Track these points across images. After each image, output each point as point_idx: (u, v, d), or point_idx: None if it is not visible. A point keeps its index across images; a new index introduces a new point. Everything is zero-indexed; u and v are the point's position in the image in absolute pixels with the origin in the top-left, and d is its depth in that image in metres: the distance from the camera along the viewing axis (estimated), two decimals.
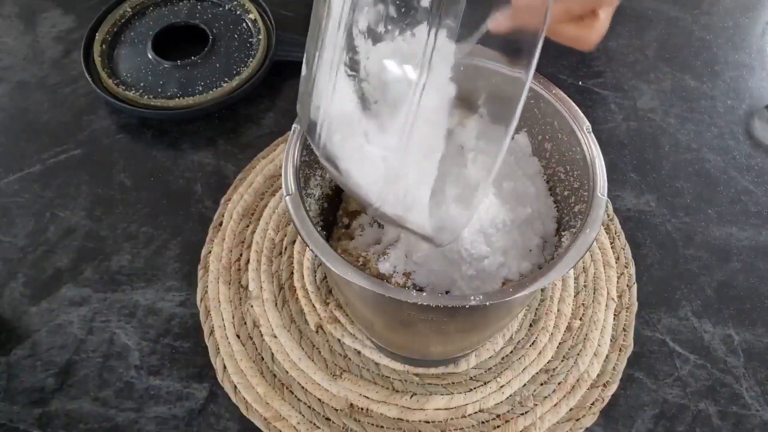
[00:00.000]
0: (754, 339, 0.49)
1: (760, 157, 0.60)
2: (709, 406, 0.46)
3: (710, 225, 0.55)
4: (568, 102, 0.39)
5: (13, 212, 0.54)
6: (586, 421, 0.45)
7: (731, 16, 0.72)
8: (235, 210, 0.54)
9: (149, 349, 0.47)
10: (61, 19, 0.68)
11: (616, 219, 0.55)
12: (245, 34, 0.66)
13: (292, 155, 0.37)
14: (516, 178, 0.41)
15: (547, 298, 0.50)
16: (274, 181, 0.56)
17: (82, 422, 0.44)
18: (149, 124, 0.60)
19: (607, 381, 0.47)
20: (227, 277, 0.51)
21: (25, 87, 0.62)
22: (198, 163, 0.57)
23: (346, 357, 0.47)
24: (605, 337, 0.49)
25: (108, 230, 0.53)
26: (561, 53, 0.67)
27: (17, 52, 0.65)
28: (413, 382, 0.46)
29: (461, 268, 0.37)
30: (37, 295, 0.50)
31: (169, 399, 0.45)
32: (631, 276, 0.52)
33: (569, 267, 0.33)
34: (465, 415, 0.45)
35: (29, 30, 0.67)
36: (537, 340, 0.48)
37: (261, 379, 0.46)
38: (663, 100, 0.64)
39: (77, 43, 0.64)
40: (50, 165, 0.57)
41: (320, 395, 0.46)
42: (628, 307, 0.50)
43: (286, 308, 0.49)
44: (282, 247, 0.52)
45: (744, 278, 0.52)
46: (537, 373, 0.47)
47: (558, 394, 0.46)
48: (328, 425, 0.44)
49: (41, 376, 0.46)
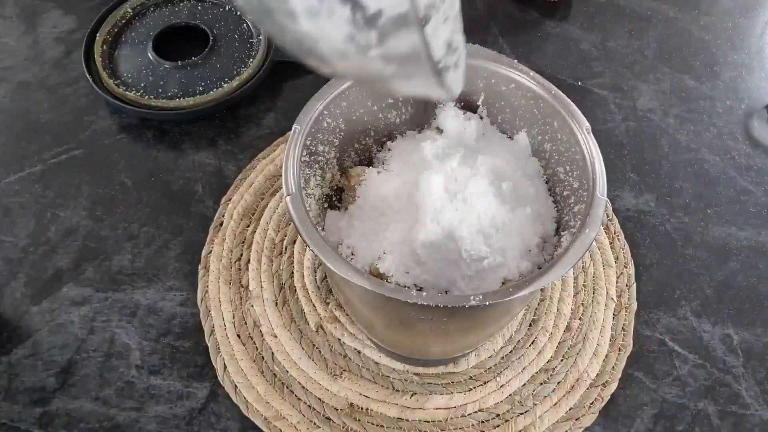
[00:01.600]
0: (753, 339, 0.50)
1: (759, 157, 0.60)
2: (708, 405, 0.47)
3: (709, 225, 0.55)
4: (568, 102, 0.40)
5: (15, 212, 0.54)
6: (586, 421, 0.45)
7: (730, 17, 0.72)
8: (235, 210, 0.54)
9: (150, 348, 0.48)
10: (62, 19, 0.68)
11: (616, 219, 0.55)
12: (246, 35, 0.66)
13: (292, 155, 0.37)
14: (516, 179, 0.41)
15: (547, 298, 0.50)
16: (274, 181, 0.56)
17: (83, 422, 0.44)
18: (150, 124, 0.60)
19: (606, 380, 0.47)
20: (228, 276, 0.51)
21: (26, 87, 0.62)
22: (198, 163, 0.58)
23: (346, 356, 0.47)
24: (605, 336, 0.49)
25: (109, 230, 0.53)
26: (561, 53, 0.68)
27: (18, 53, 0.65)
28: (413, 381, 0.46)
29: (461, 268, 0.37)
30: (38, 295, 0.50)
31: (170, 398, 0.46)
32: (631, 276, 0.52)
33: (569, 267, 0.33)
34: (465, 415, 0.45)
35: (30, 30, 0.67)
36: (537, 340, 0.49)
37: (261, 378, 0.46)
38: (662, 101, 0.64)
39: (78, 43, 0.64)
40: (51, 165, 0.57)
41: (320, 395, 0.46)
42: (628, 307, 0.50)
43: (286, 308, 0.50)
44: (282, 247, 0.52)
45: (743, 278, 0.53)
46: (537, 372, 0.47)
47: (557, 394, 0.46)
48: (328, 424, 0.45)
49: (42, 376, 0.46)
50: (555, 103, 0.40)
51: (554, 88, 0.40)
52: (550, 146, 0.42)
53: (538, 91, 0.40)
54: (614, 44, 0.69)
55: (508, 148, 0.43)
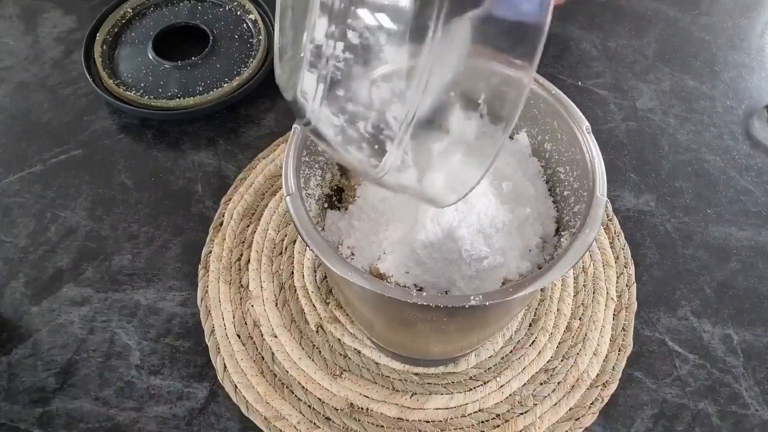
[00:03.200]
0: (754, 339, 0.50)
1: (760, 157, 0.60)
2: (709, 405, 0.47)
3: (709, 225, 0.55)
4: (568, 102, 0.40)
5: (15, 212, 0.54)
6: (586, 421, 0.45)
7: (730, 17, 0.72)
8: (235, 210, 0.54)
9: (150, 348, 0.48)
10: (62, 19, 0.68)
11: (616, 219, 0.55)
12: (246, 35, 0.66)
13: (292, 155, 0.37)
14: (516, 179, 0.41)
15: (547, 298, 0.50)
16: (274, 181, 0.56)
17: (83, 422, 0.44)
18: (150, 124, 0.60)
19: (606, 380, 0.47)
20: (228, 276, 0.51)
21: (26, 87, 0.62)
22: (199, 164, 0.58)
23: (346, 356, 0.47)
24: (605, 336, 0.49)
25: (109, 230, 0.53)
26: (561, 53, 0.68)
27: (18, 53, 0.65)
28: (413, 381, 0.46)
29: (461, 268, 0.37)
30: (38, 295, 0.50)
31: (170, 398, 0.46)
32: (631, 276, 0.52)
33: (569, 267, 0.33)
34: (465, 415, 0.45)
35: (30, 31, 0.67)
36: (536, 340, 0.49)
37: (261, 378, 0.46)
38: (662, 101, 0.64)
39: (78, 43, 0.64)
40: (51, 165, 0.57)
41: (320, 395, 0.46)
42: (628, 307, 0.50)
43: (286, 308, 0.50)
44: (282, 247, 0.52)
45: (743, 278, 0.53)
46: (536, 372, 0.47)
47: (557, 394, 0.46)
48: (328, 425, 0.45)
49: (42, 376, 0.46)
50: (555, 103, 0.40)
51: (554, 88, 0.40)
52: (550, 146, 0.42)
53: (538, 91, 0.40)
54: (614, 44, 0.69)
55: (508, 149, 0.43)
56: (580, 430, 0.45)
